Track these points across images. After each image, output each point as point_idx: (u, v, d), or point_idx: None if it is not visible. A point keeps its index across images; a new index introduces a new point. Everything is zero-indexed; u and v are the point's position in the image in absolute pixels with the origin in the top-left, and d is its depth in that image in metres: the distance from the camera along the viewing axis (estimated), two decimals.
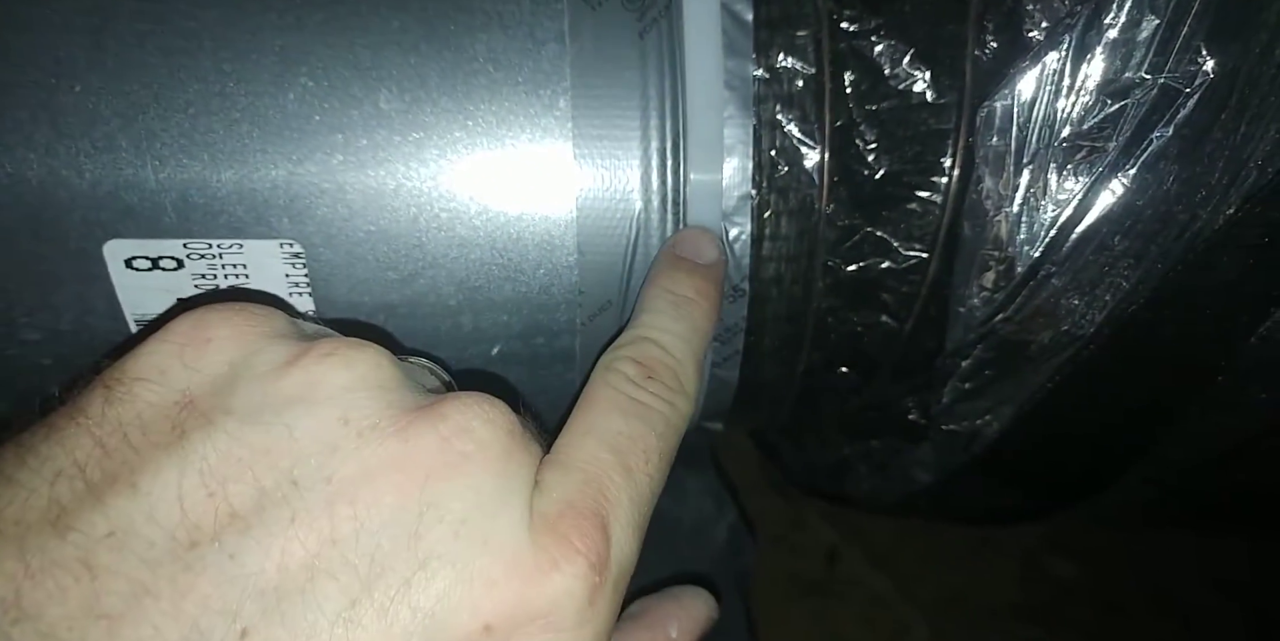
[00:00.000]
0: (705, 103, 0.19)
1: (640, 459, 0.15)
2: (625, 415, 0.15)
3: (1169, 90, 0.16)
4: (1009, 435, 0.22)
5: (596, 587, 0.13)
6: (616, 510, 0.14)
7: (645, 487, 0.15)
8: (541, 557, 0.12)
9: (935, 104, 0.20)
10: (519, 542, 0.12)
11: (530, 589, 0.12)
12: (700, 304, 0.18)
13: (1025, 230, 0.19)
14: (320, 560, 0.11)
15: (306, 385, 0.13)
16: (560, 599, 0.12)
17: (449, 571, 0.12)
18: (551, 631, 0.12)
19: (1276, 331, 0.18)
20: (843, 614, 0.65)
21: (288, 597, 0.11)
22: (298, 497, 0.12)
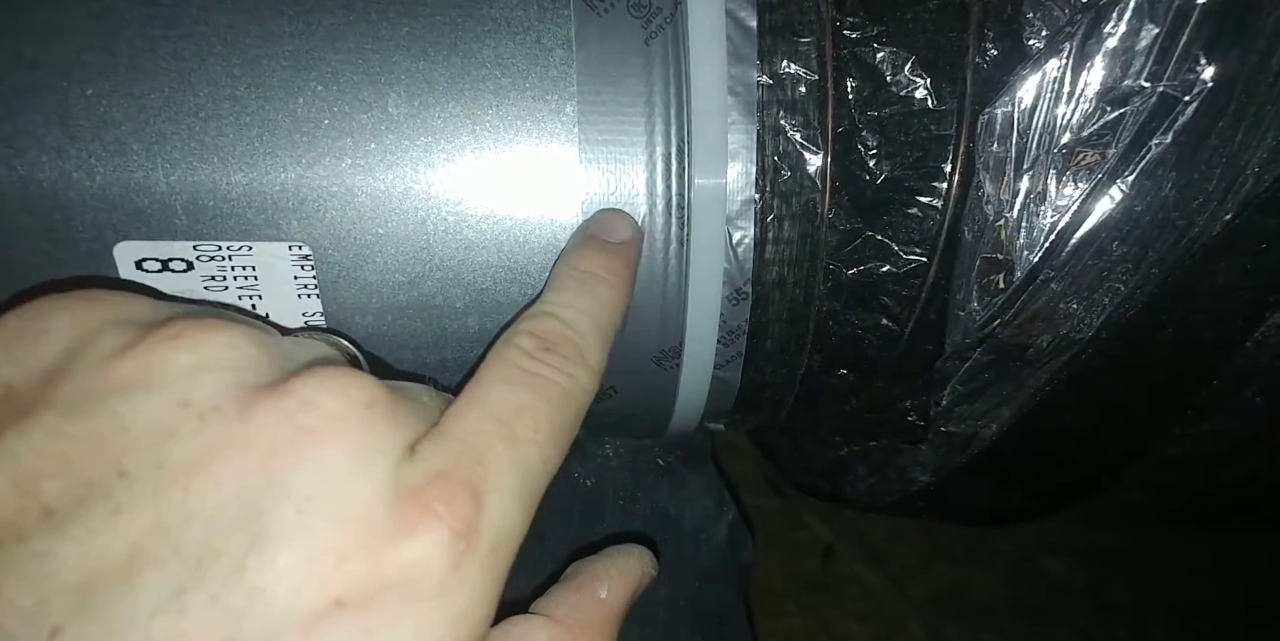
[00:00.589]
0: (710, 108, 0.20)
1: (529, 428, 0.14)
2: (513, 385, 0.15)
3: (1168, 98, 0.16)
4: (1006, 437, 0.22)
5: (462, 554, 0.12)
6: (495, 478, 0.13)
7: (534, 456, 0.14)
8: (396, 525, 0.12)
9: (936, 110, 0.20)
10: (374, 515, 0.12)
11: (383, 558, 0.11)
12: (607, 280, 0.18)
13: (1024, 235, 0.19)
14: (143, 550, 0.11)
15: (143, 369, 0.12)
16: (416, 565, 0.12)
17: (290, 549, 0.11)
18: (412, 600, 0.11)
19: (1271, 336, 0.19)
20: (838, 611, 0.65)
21: (102, 592, 0.10)
22: (124, 489, 0.11)
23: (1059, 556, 0.69)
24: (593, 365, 0.16)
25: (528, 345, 0.16)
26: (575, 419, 0.15)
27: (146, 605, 0.10)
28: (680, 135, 0.20)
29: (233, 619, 0.11)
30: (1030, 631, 0.64)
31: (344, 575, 0.11)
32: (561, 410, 0.15)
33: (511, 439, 0.14)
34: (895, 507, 0.28)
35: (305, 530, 0.11)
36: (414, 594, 0.12)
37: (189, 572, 0.11)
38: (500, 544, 0.13)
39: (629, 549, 0.18)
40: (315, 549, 0.11)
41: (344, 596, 0.11)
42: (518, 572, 0.29)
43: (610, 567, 0.17)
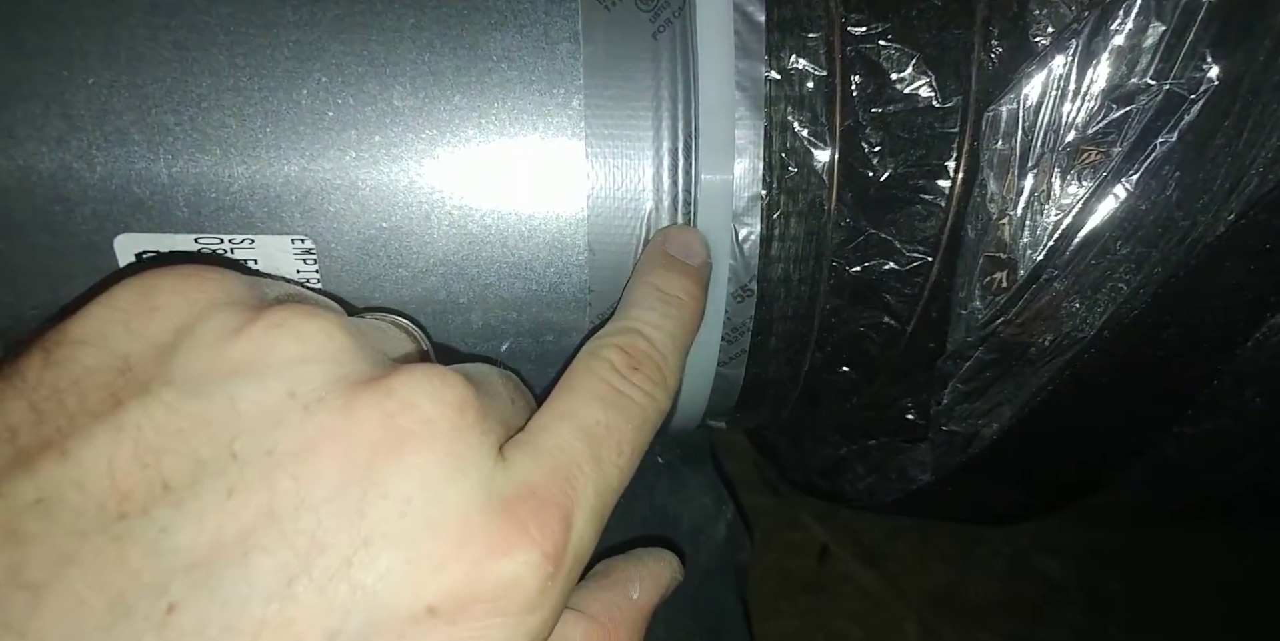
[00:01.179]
0: (717, 103, 0.20)
1: (613, 451, 0.14)
2: (605, 404, 0.15)
3: (1174, 96, 0.16)
4: (1007, 436, 0.22)
5: (549, 578, 0.12)
6: (581, 501, 0.13)
7: (614, 480, 0.14)
8: (494, 541, 0.12)
9: (940, 108, 0.20)
10: (469, 524, 0.12)
11: (479, 573, 0.12)
12: (688, 304, 0.18)
13: (1028, 234, 0.19)
14: (256, 535, 0.11)
15: (253, 356, 0.12)
16: (510, 585, 0.12)
17: (392, 551, 0.11)
18: (498, 616, 0.12)
19: (1272, 336, 0.19)
20: (834, 610, 0.66)
21: (219, 572, 0.11)
22: (236, 471, 0.11)
23: (1054, 555, 0.69)
24: (671, 388, 0.17)
25: (618, 361, 0.16)
26: (649, 441, 0.16)
27: (259, 589, 0.11)
28: (687, 130, 0.20)
29: (339, 613, 0.11)
30: (1025, 630, 0.65)
31: (439, 583, 0.12)
32: (641, 433, 0.15)
33: (598, 461, 0.14)
34: (894, 507, 0.28)
35: (406, 534, 0.12)
36: (502, 610, 0.12)
37: (298, 562, 0.11)
38: (577, 566, 0.13)
39: (659, 553, 0.19)
40: (415, 554, 0.12)
41: (437, 604, 0.11)
42: None
43: (641, 569, 0.18)
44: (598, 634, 0.16)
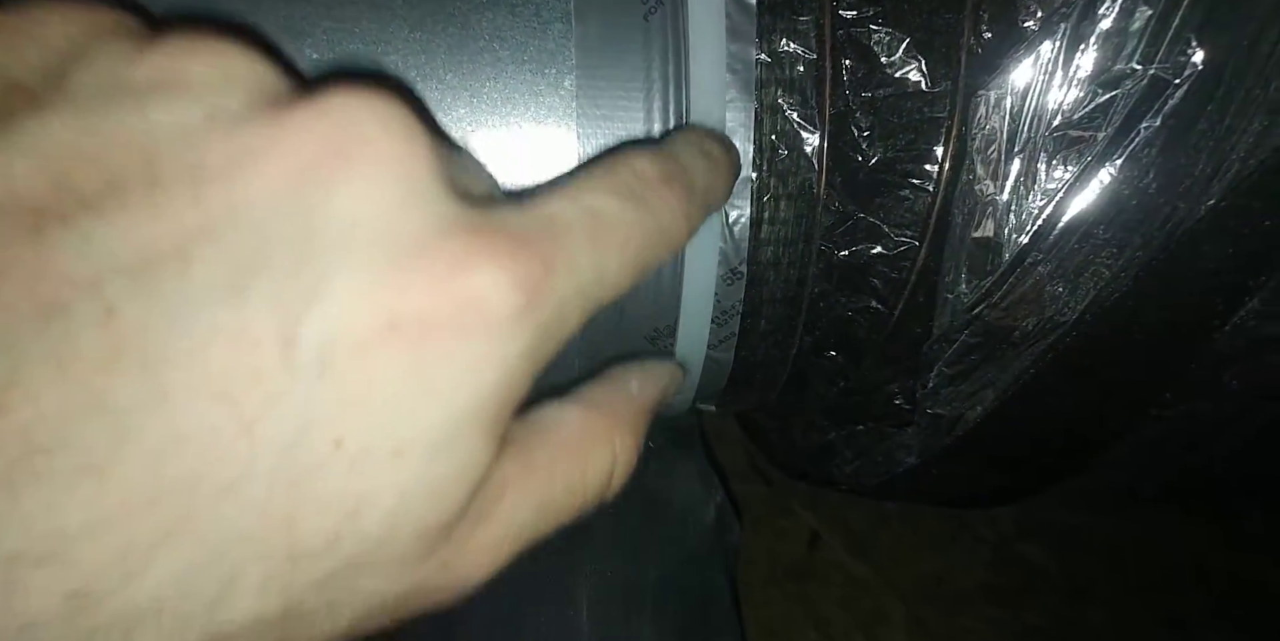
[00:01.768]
0: (708, 86, 0.20)
1: (618, 242, 0.13)
2: (622, 199, 0.13)
3: (1158, 81, 0.16)
4: (991, 419, 0.23)
5: (522, 307, 0.11)
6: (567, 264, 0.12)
7: (611, 269, 0.13)
8: (457, 258, 0.11)
9: (929, 92, 0.20)
10: (428, 245, 0.11)
11: (440, 287, 0.11)
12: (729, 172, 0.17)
13: (1013, 218, 0.19)
14: (194, 248, 0.10)
15: (160, 76, 0.11)
16: (476, 302, 0.11)
17: (344, 266, 0.10)
18: (465, 338, 0.11)
19: (1249, 320, 0.19)
20: (823, 596, 0.66)
21: (159, 280, 0.10)
22: (160, 189, 0.10)
23: (1037, 543, 0.70)
24: (696, 221, 0.15)
25: (649, 170, 0.14)
26: (658, 261, 0.14)
27: (207, 297, 0.10)
28: (679, 112, 0.20)
29: (292, 321, 0.10)
30: (1008, 615, 0.66)
31: (398, 299, 0.10)
32: (655, 245, 0.13)
33: (596, 241, 0.12)
34: (880, 490, 0.29)
35: (358, 251, 0.10)
36: (469, 331, 0.11)
37: (243, 274, 0.10)
38: (553, 325, 0.12)
39: (659, 360, 0.18)
40: (369, 270, 0.10)
41: (398, 321, 0.10)
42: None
43: (640, 370, 0.17)
44: (598, 420, 0.15)
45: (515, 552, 0.14)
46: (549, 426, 0.14)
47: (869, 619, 0.65)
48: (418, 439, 0.11)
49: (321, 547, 0.11)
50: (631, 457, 0.15)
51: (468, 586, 0.13)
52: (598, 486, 0.15)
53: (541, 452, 0.14)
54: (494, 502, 0.13)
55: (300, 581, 0.11)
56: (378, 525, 0.11)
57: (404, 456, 0.11)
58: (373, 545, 0.11)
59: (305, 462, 0.10)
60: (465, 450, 0.11)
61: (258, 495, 0.10)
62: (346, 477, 0.10)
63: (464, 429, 0.11)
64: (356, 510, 0.11)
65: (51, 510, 0.09)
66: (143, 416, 0.09)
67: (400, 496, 0.11)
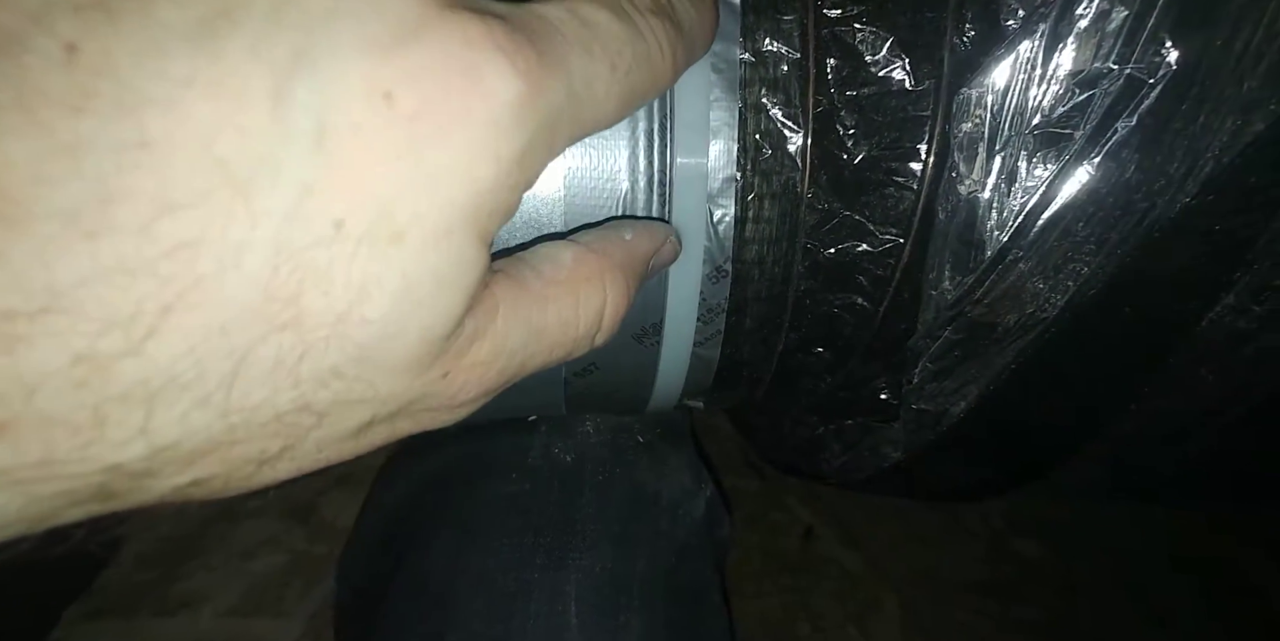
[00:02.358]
0: (693, 85, 0.20)
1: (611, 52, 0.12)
2: (615, 15, 0.12)
3: (1134, 80, 0.16)
4: (974, 414, 0.23)
5: (522, 97, 0.10)
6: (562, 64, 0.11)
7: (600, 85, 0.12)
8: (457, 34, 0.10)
9: (913, 91, 0.20)
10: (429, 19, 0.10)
11: (442, 58, 0.10)
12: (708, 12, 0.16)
13: (995, 215, 0.20)
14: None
15: None
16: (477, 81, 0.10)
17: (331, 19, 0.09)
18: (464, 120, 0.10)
19: (1225, 315, 0.19)
20: (816, 589, 0.67)
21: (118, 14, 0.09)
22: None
23: (1029, 538, 0.71)
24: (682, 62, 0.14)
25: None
26: (644, 94, 0.13)
27: (176, 37, 0.09)
28: (663, 111, 0.20)
29: (279, 76, 0.09)
30: (999, 608, 0.66)
31: (396, 65, 0.10)
32: (643, 72, 0.13)
33: (589, 47, 0.12)
34: (867, 484, 0.29)
35: (340, 9, 0.10)
36: (468, 114, 0.10)
37: (214, 13, 0.09)
38: (545, 130, 0.11)
39: (655, 222, 0.18)
40: (358, 29, 0.10)
41: (394, 90, 0.10)
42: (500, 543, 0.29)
43: (637, 222, 0.17)
44: (591, 259, 0.15)
45: (508, 375, 0.13)
46: (542, 260, 0.14)
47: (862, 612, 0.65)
48: (416, 226, 0.10)
49: (329, 333, 0.10)
50: (621, 300, 0.15)
51: (463, 404, 0.13)
52: (589, 323, 0.15)
53: (535, 281, 0.14)
54: (488, 320, 0.12)
55: (309, 370, 0.10)
56: (385, 311, 0.10)
57: (404, 243, 0.10)
58: (379, 337, 0.11)
59: (307, 238, 0.10)
60: (461, 246, 0.11)
61: (261, 270, 0.09)
62: (350, 259, 0.10)
63: (459, 223, 0.11)
64: (363, 292, 0.10)
65: (41, 263, 0.08)
66: (125, 174, 0.08)
67: (405, 281, 0.10)
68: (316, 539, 0.62)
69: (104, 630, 0.54)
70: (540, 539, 0.27)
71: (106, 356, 0.09)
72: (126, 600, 0.56)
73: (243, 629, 0.56)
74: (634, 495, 0.29)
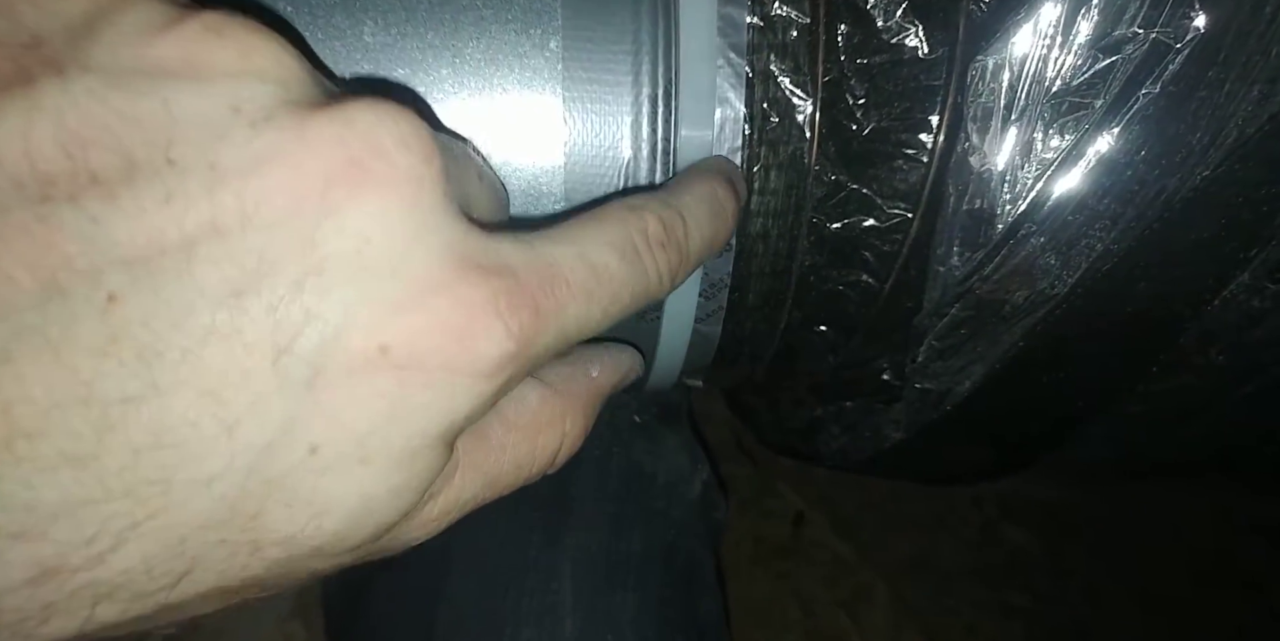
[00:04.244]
0: (698, 50, 0.19)
1: (606, 298, 0.13)
2: (621, 255, 0.14)
3: (1159, 45, 0.16)
4: (980, 393, 0.23)
5: (510, 356, 0.12)
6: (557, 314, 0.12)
7: (590, 323, 0.13)
8: (460, 297, 0.11)
9: (926, 59, 0.20)
10: (434, 277, 0.11)
11: (439, 322, 0.11)
12: (726, 226, 0.17)
13: (1008, 189, 0.19)
14: (200, 245, 0.10)
15: (187, 58, 0.10)
16: (469, 343, 0.11)
17: (348, 284, 0.11)
18: (451, 372, 0.11)
19: (1239, 294, 0.19)
20: (807, 575, 0.67)
21: (162, 274, 0.10)
22: (175, 177, 0.10)
23: (1020, 524, 0.71)
24: (680, 282, 0.16)
25: (653, 230, 0.15)
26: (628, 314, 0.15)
27: (206, 297, 0.10)
28: (667, 77, 0.19)
29: (288, 333, 0.10)
30: (990, 595, 0.67)
31: (396, 325, 0.11)
32: (638, 301, 0.14)
33: (590, 295, 0.13)
34: (866, 466, 0.29)
35: (363, 270, 0.11)
36: (456, 367, 0.11)
37: (246, 278, 0.10)
38: (530, 364, 0.12)
39: (620, 346, 0.19)
40: (373, 291, 0.11)
41: (391, 345, 0.11)
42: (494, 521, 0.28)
43: (603, 354, 0.18)
44: (555, 401, 0.15)
45: (452, 519, 0.14)
46: (507, 403, 0.15)
47: (853, 598, 0.66)
48: (385, 451, 0.11)
49: (284, 540, 0.11)
50: (578, 438, 0.16)
51: (406, 548, 0.14)
52: (543, 464, 0.15)
53: (498, 429, 0.14)
54: (445, 482, 0.13)
55: (258, 565, 0.11)
56: (339, 524, 0.11)
57: (370, 465, 0.11)
58: (332, 539, 0.12)
59: (279, 465, 0.11)
60: (426, 461, 0.12)
61: (230, 492, 0.10)
62: (316, 481, 0.11)
63: (428, 445, 0.12)
64: (323, 511, 0.11)
65: (29, 490, 0.09)
66: (130, 409, 0.09)
67: (363, 499, 0.11)
68: None
69: None
70: (536, 516, 0.26)
71: (68, 569, 0.10)
72: None
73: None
74: (631, 475, 0.29)
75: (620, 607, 0.25)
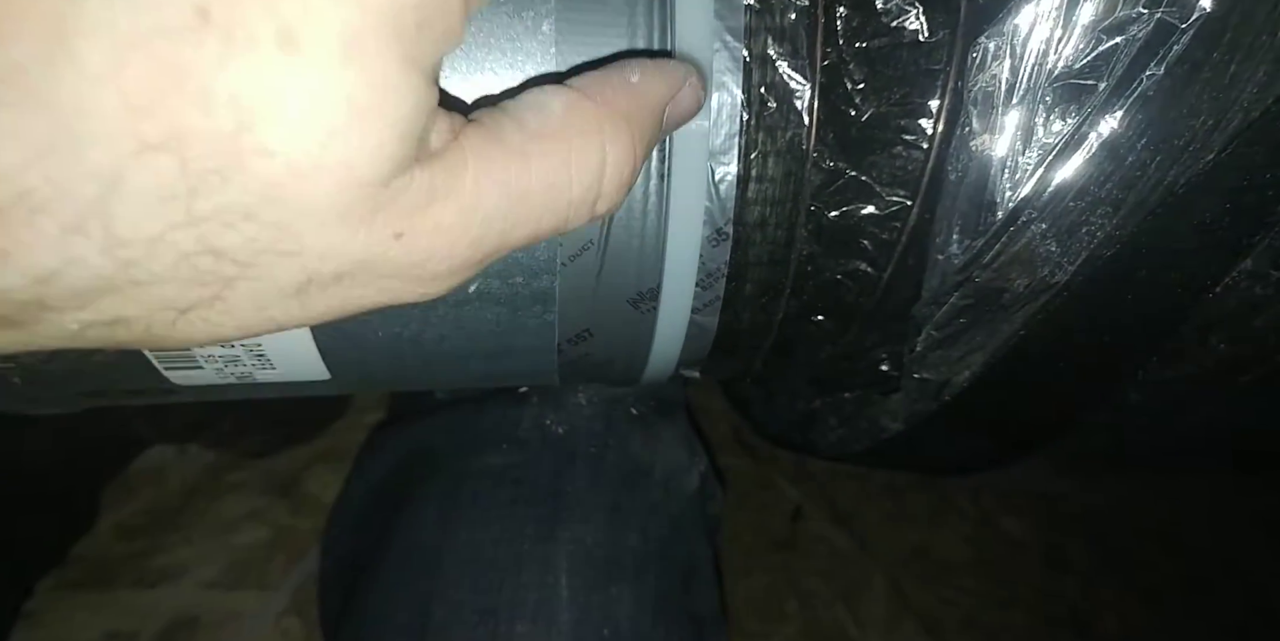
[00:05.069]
0: (694, 33, 0.19)
1: None
2: None
3: (1164, 26, 0.15)
4: (979, 382, 0.22)
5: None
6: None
7: None
8: None
9: (926, 42, 0.19)
10: None
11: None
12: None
13: (1008, 175, 0.19)
14: None
15: None
16: None
17: None
18: None
19: (1241, 281, 0.19)
20: (805, 568, 0.67)
21: None
22: None
23: (1018, 517, 0.71)
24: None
25: None
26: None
27: None
28: None
29: None
30: (988, 588, 0.67)
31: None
32: None
33: None
34: (864, 458, 0.29)
35: None
36: None
37: None
38: None
39: (672, 60, 0.16)
40: None
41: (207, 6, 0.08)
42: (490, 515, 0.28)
43: (645, 60, 0.15)
44: (584, 106, 0.13)
45: (487, 246, 0.12)
46: (525, 109, 0.12)
47: (851, 590, 0.66)
48: (310, 28, 0.09)
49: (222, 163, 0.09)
50: (625, 157, 0.13)
51: (436, 276, 0.11)
52: (585, 185, 0.12)
53: (516, 135, 0.12)
54: (451, 176, 0.11)
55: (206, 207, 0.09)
56: (286, 140, 0.09)
57: (298, 51, 0.09)
58: (286, 173, 0.09)
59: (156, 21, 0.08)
60: (382, 64, 0.09)
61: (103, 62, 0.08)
62: (223, 63, 0.09)
63: (372, 32, 0.09)
64: (253, 113, 0.09)
65: None
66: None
67: (307, 103, 0.09)
68: (300, 513, 0.61)
69: (80, 602, 0.54)
70: (531, 511, 0.26)
71: None
72: (103, 572, 0.55)
73: (225, 601, 0.55)
74: (627, 468, 0.29)
75: (616, 601, 0.25)
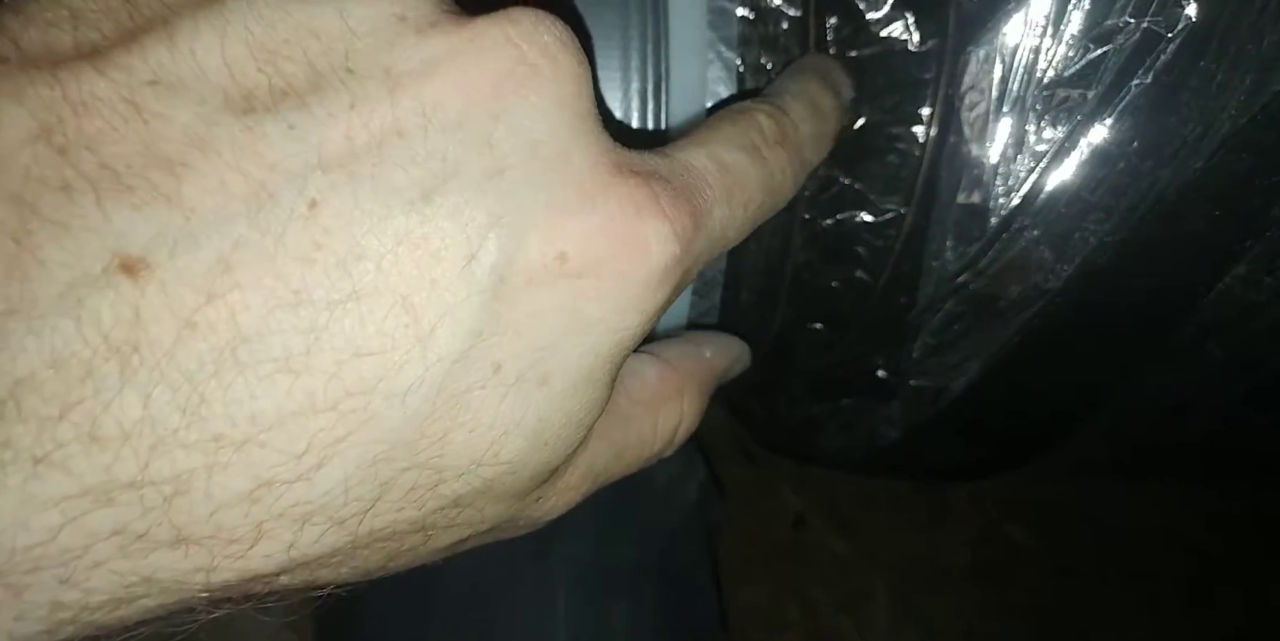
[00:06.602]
0: (688, 43, 0.19)
1: (741, 198, 0.13)
2: (749, 155, 0.14)
3: (1151, 35, 0.16)
4: (975, 389, 0.22)
5: (675, 259, 0.11)
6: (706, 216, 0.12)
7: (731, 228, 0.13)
8: (627, 202, 0.11)
9: (917, 51, 0.19)
10: (600, 181, 0.11)
11: (613, 227, 0.11)
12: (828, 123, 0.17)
13: (1001, 182, 0.19)
14: (388, 148, 0.10)
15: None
16: (641, 247, 0.11)
17: (526, 188, 0.11)
18: (624, 281, 0.11)
19: (1235, 287, 0.19)
20: (807, 576, 0.67)
21: (357, 178, 0.10)
22: (356, 83, 0.10)
23: (1020, 523, 0.71)
24: (800, 180, 0.15)
25: (768, 128, 0.15)
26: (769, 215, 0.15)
27: (398, 201, 0.10)
28: (657, 71, 0.19)
29: (476, 238, 0.10)
30: (991, 594, 0.67)
31: (573, 230, 0.11)
32: (770, 203, 0.14)
33: (730, 195, 0.13)
34: (863, 465, 0.29)
35: (538, 173, 0.11)
36: (629, 274, 0.11)
37: (432, 180, 0.10)
38: (686, 278, 0.12)
39: (727, 334, 0.19)
40: (549, 195, 0.11)
41: (569, 252, 0.11)
42: None
43: (713, 336, 0.18)
44: (671, 377, 0.15)
45: (587, 493, 0.14)
46: (627, 376, 0.15)
47: (853, 598, 0.65)
48: (562, 372, 0.11)
49: (465, 467, 0.11)
50: (695, 418, 0.16)
51: (545, 521, 0.14)
52: (664, 440, 0.15)
53: (622, 399, 0.14)
54: (583, 446, 0.13)
55: (435, 499, 0.11)
56: (515, 452, 0.11)
57: (548, 386, 0.11)
58: (504, 472, 0.11)
59: (466, 381, 0.10)
60: (596, 388, 0.12)
61: (422, 408, 0.10)
62: (499, 403, 0.11)
63: (600, 367, 0.12)
64: (503, 435, 0.11)
65: (253, 399, 0.09)
66: (335, 316, 0.10)
67: (539, 424, 0.11)
68: None
69: None
70: None
71: (282, 482, 0.10)
72: None
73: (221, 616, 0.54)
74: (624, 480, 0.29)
75: (614, 616, 0.25)
